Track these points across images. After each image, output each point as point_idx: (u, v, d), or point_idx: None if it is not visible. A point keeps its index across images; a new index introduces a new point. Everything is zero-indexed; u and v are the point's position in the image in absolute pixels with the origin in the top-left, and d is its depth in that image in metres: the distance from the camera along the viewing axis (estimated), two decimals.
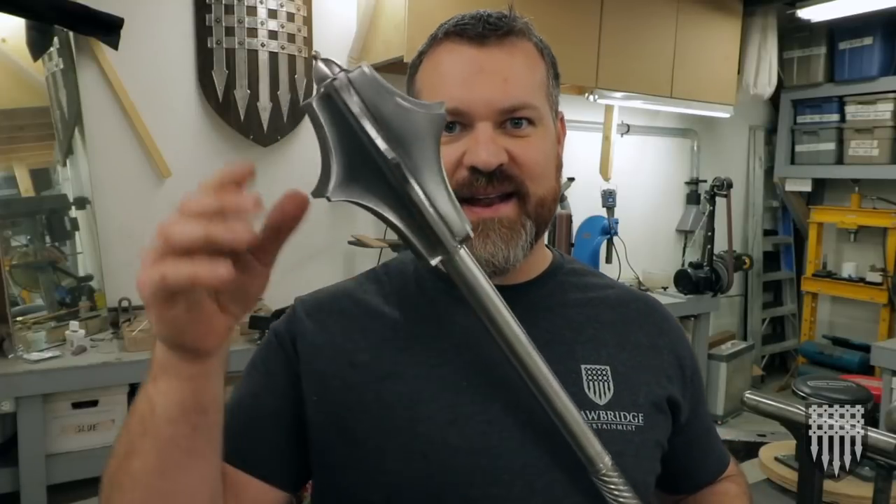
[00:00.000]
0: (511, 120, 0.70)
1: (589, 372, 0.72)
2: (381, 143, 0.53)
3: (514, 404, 0.67)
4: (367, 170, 0.54)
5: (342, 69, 0.55)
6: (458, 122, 0.69)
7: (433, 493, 0.65)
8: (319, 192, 0.54)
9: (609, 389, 0.72)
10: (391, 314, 0.74)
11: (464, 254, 0.57)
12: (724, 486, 0.89)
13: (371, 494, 0.67)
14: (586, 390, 0.71)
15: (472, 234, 0.57)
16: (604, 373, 0.72)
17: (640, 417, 0.72)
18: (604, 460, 0.62)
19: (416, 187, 0.54)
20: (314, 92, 0.55)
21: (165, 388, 0.51)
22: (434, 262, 0.56)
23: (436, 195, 0.55)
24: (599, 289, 0.82)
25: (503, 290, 0.62)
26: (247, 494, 0.67)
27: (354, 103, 0.53)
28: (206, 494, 0.57)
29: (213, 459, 0.57)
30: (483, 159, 0.67)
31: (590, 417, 0.69)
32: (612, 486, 0.62)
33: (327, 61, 0.55)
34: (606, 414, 0.71)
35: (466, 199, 0.69)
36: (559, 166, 0.76)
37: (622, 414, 0.71)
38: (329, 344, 0.72)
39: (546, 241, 0.82)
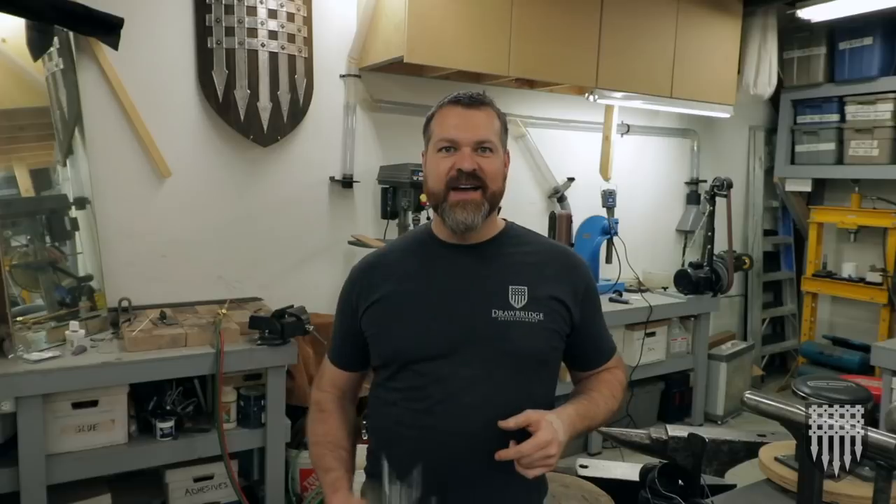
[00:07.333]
0: (480, 147, 1.27)
1: (512, 289, 1.28)
2: None
3: (450, 309, 1.27)
4: None
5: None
6: (453, 146, 1.27)
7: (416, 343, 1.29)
8: None
9: (524, 299, 1.27)
10: (409, 261, 1.37)
11: None
12: (602, 375, 1.40)
13: (383, 346, 1.32)
14: (509, 299, 1.27)
15: None
16: (522, 290, 1.28)
17: (542, 315, 1.27)
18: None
19: None
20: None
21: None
22: None
23: None
24: (531, 246, 1.37)
25: (470, 248, 1.31)
26: (344, 382, 1.45)
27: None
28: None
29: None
30: (465, 166, 1.25)
31: (509, 314, 1.25)
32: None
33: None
34: (520, 313, 1.26)
35: (454, 187, 1.26)
36: (505, 176, 1.33)
37: (530, 313, 1.27)
38: (368, 285, 1.36)
39: (505, 219, 1.41)
